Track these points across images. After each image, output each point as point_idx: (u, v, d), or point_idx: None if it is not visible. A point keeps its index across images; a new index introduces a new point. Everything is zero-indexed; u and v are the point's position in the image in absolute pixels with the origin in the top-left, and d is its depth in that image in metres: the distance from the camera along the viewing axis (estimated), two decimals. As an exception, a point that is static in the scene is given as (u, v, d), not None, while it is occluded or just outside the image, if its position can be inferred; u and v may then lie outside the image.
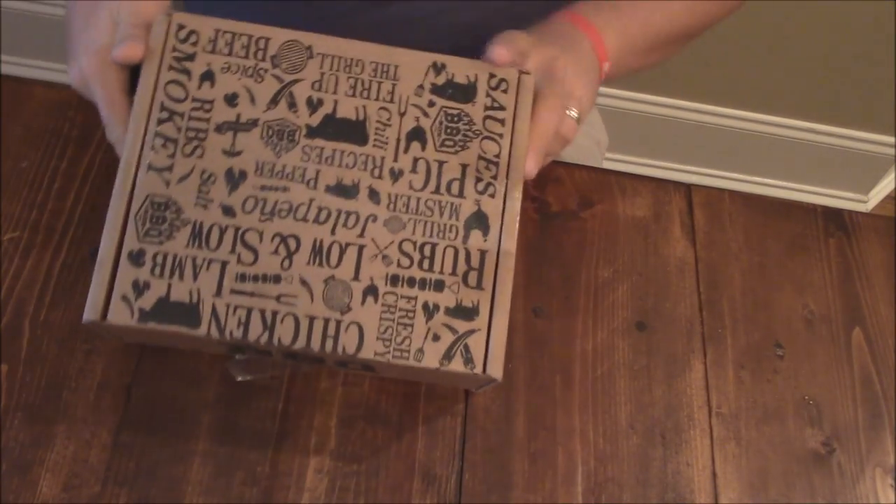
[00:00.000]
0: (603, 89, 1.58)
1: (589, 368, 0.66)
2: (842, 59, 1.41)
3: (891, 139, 1.54)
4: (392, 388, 0.62)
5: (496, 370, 0.52)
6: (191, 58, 0.54)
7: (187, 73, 0.53)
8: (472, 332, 0.52)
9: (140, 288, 0.50)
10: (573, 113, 0.58)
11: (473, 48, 0.64)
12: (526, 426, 0.62)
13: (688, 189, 0.77)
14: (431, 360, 0.52)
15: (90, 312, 0.50)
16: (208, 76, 0.54)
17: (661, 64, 0.72)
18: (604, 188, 0.75)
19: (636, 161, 1.65)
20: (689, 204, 0.76)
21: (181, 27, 0.54)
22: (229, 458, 0.58)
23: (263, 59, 0.54)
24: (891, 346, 0.70)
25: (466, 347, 0.52)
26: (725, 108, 1.53)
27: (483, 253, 0.53)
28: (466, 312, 0.52)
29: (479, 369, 0.52)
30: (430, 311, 0.52)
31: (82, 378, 0.60)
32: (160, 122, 0.53)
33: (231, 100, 0.53)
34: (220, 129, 0.53)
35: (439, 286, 0.52)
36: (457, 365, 0.52)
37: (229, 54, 0.54)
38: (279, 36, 0.54)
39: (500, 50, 0.55)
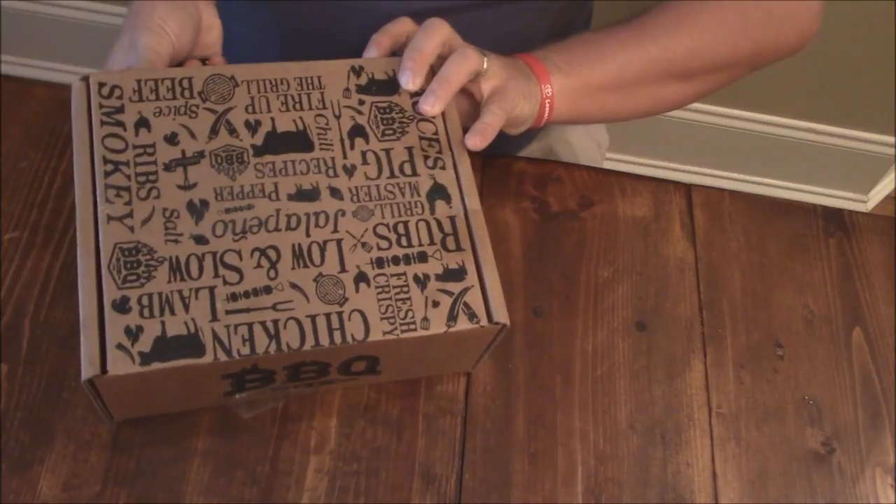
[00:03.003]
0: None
1: (589, 368, 0.66)
2: (842, 59, 1.41)
3: (891, 139, 1.54)
4: (392, 388, 0.62)
5: (501, 316, 0.54)
6: (120, 110, 0.54)
7: (121, 124, 0.53)
8: (466, 289, 0.54)
9: (134, 332, 0.49)
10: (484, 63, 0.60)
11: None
12: (526, 426, 0.62)
13: (688, 189, 0.77)
14: (438, 325, 0.53)
15: (88, 368, 0.48)
16: (143, 123, 0.54)
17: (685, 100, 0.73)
18: (604, 188, 0.75)
19: (636, 161, 1.65)
20: (689, 204, 0.76)
21: (102, 84, 0.54)
22: (229, 458, 0.58)
23: (192, 97, 0.55)
24: (891, 346, 0.70)
25: (466, 305, 0.54)
26: (725, 108, 1.53)
27: (452, 218, 0.55)
28: (455, 274, 0.54)
29: (484, 321, 0.54)
30: (421, 281, 0.53)
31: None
32: (107, 174, 0.52)
33: (171, 139, 0.54)
34: (168, 167, 0.53)
35: (423, 257, 0.54)
36: (462, 323, 0.53)
37: (157, 99, 0.54)
38: (200, 73, 0.56)
39: (375, 48, 0.60)
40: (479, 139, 0.58)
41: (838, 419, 0.66)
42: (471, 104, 0.62)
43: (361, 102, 0.57)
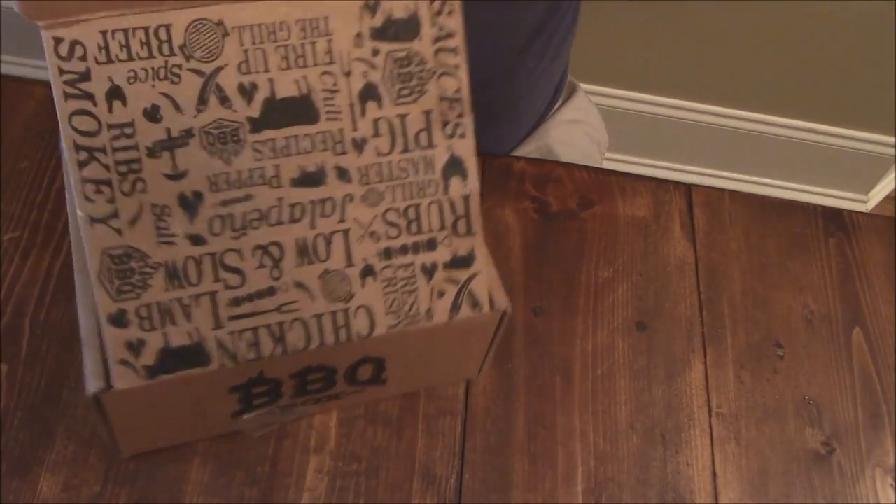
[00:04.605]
0: (603, 89, 1.58)
1: (589, 368, 0.66)
2: (842, 59, 1.41)
3: (891, 139, 1.54)
4: (392, 388, 0.62)
5: (503, 303, 0.52)
6: (86, 76, 0.43)
7: (90, 96, 0.43)
8: (472, 277, 0.51)
9: (136, 347, 0.46)
10: None
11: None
12: (526, 426, 0.62)
13: (688, 189, 0.77)
14: (441, 316, 0.51)
15: (93, 382, 0.46)
16: (116, 93, 0.43)
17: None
18: (604, 188, 0.75)
19: (636, 161, 1.65)
20: (689, 204, 0.76)
21: (58, 41, 0.43)
22: (229, 458, 0.58)
23: (172, 53, 0.44)
24: (891, 346, 0.70)
25: (471, 293, 0.51)
26: (725, 108, 1.53)
27: (466, 198, 0.51)
28: (463, 261, 0.51)
29: (486, 308, 0.52)
30: (428, 271, 0.50)
31: (82, 378, 0.59)
32: (81, 165, 0.43)
33: (153, 114, 0.44)
34: (152, 152, 0.44)
35: (432, 245, 0.50)
36: (465, 311, 0.51)
37: (129, 59, 0.43)
38: (181, 17, 0.43)
39: None
40: None
41: (838, 419, 0.66)
42: None
43: (376, 52, 0.47)
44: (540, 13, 0.77)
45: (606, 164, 0.96)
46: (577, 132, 0.91)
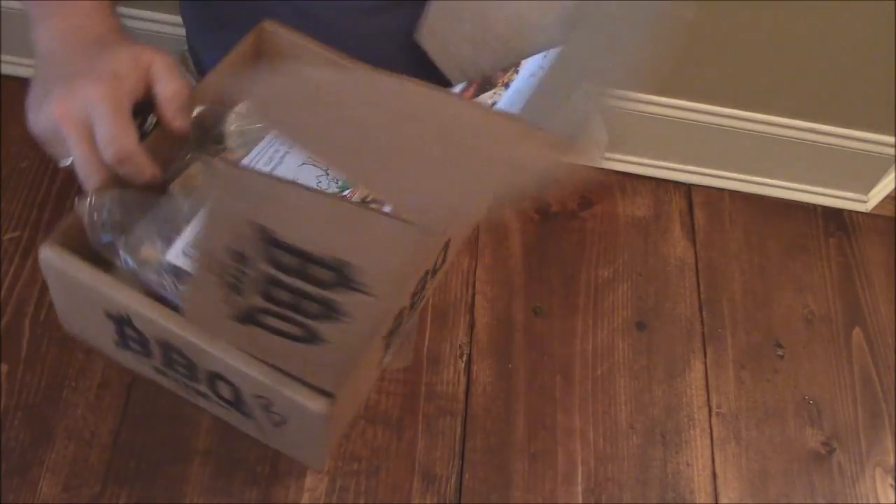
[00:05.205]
0: (603, 89, 1.56)
1: (589, 368, 0.66)
2: (842, 59, 1.40)
3: (891, 139, 1.54)
4: (392, 389, 0.62)
5: None
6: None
7: None
8: None
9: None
10: None
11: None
12: (526, 426, 0.62)
13: (688, 189, 0.77)
14: None
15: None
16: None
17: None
18: (604, 188, 0.75)
19: (636, 161, 1.65)
20: (689, 204, 0.76)
21: None
22: (229, 458, 0.58)
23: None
24: (891, 346, 0.70)
25: None
26: (725, 108, 1.53)
27: None
28: None
29: None
30: None
31: (82, 378, 0.60)
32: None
33: None
34: None
35: None
36: None
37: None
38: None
39: None
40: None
41: (838, 419, 0.66)
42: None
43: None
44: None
45: (606, 164, 0.96)
46: (577, 132, 0.91)
